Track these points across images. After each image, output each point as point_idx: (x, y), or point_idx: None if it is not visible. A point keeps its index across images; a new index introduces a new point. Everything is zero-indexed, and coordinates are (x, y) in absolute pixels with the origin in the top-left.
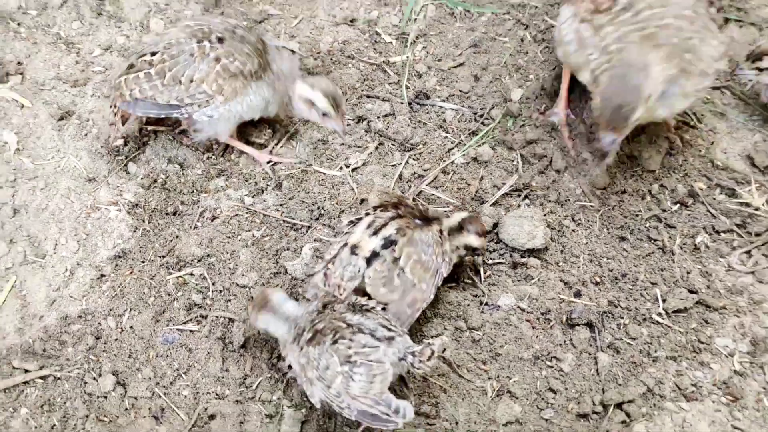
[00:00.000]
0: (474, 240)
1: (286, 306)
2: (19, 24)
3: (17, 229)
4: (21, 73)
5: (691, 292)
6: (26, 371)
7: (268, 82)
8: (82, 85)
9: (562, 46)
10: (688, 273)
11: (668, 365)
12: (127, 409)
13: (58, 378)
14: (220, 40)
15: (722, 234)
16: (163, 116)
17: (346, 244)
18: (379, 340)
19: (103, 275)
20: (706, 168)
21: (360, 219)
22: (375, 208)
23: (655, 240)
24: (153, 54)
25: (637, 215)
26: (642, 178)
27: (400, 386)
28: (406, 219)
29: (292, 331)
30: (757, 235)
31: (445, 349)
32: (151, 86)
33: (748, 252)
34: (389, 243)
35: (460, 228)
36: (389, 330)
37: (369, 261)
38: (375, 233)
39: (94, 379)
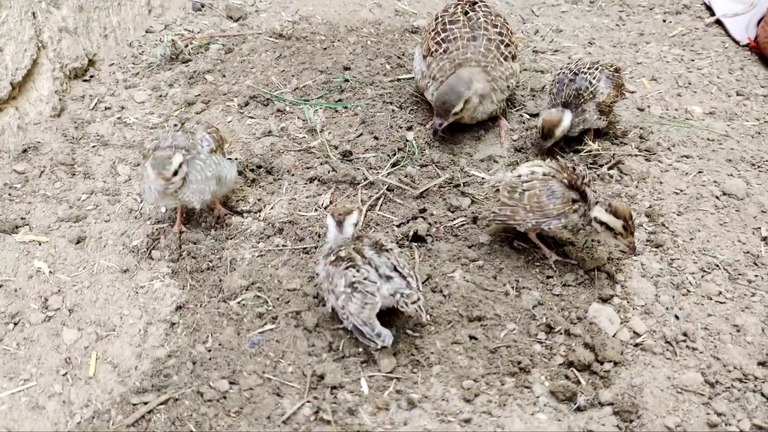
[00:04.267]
0: (602, 215)
1: (348, 227)
2: (9, 194)
3: (79, 320)
4: (27, 224)
5: None
6: (145, 403)
7: None
8: (83, 219)
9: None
10: None
11: None
12: (248, 398)
13: (177, 399)
14: None
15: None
16: None
17: (515, 168)
18: (379, 276)
19: (173, 323)
20: None
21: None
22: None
23: None
24: None
25: None
26: None
27: (391, 318)
28: (559, 175)
29: (328, 248)
30: (606, 163)
31: (465, 276)
32: None
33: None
34: (531, 175)
35: (595, 203)
36: (392, 270)
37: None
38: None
39: (209, 387)
